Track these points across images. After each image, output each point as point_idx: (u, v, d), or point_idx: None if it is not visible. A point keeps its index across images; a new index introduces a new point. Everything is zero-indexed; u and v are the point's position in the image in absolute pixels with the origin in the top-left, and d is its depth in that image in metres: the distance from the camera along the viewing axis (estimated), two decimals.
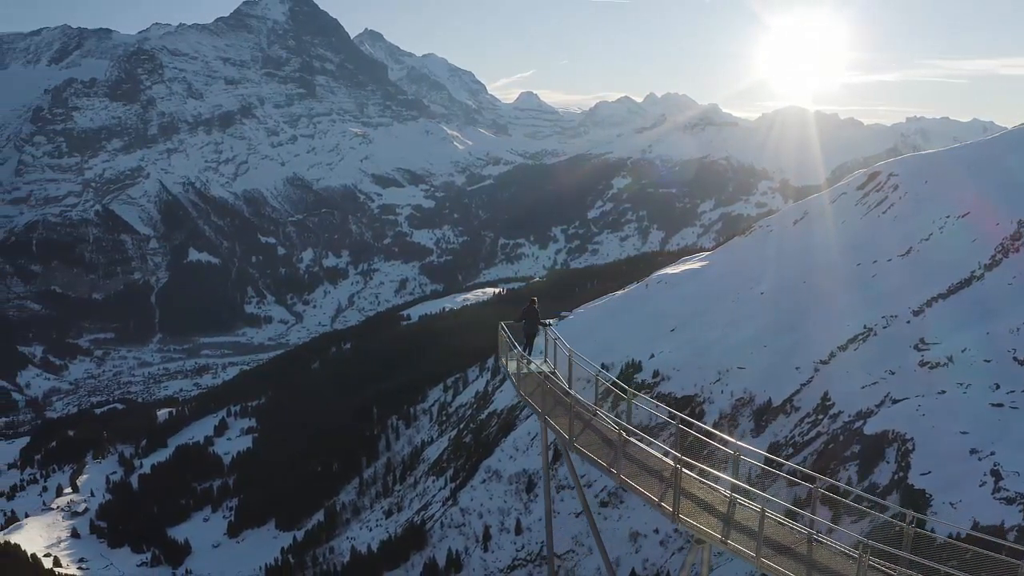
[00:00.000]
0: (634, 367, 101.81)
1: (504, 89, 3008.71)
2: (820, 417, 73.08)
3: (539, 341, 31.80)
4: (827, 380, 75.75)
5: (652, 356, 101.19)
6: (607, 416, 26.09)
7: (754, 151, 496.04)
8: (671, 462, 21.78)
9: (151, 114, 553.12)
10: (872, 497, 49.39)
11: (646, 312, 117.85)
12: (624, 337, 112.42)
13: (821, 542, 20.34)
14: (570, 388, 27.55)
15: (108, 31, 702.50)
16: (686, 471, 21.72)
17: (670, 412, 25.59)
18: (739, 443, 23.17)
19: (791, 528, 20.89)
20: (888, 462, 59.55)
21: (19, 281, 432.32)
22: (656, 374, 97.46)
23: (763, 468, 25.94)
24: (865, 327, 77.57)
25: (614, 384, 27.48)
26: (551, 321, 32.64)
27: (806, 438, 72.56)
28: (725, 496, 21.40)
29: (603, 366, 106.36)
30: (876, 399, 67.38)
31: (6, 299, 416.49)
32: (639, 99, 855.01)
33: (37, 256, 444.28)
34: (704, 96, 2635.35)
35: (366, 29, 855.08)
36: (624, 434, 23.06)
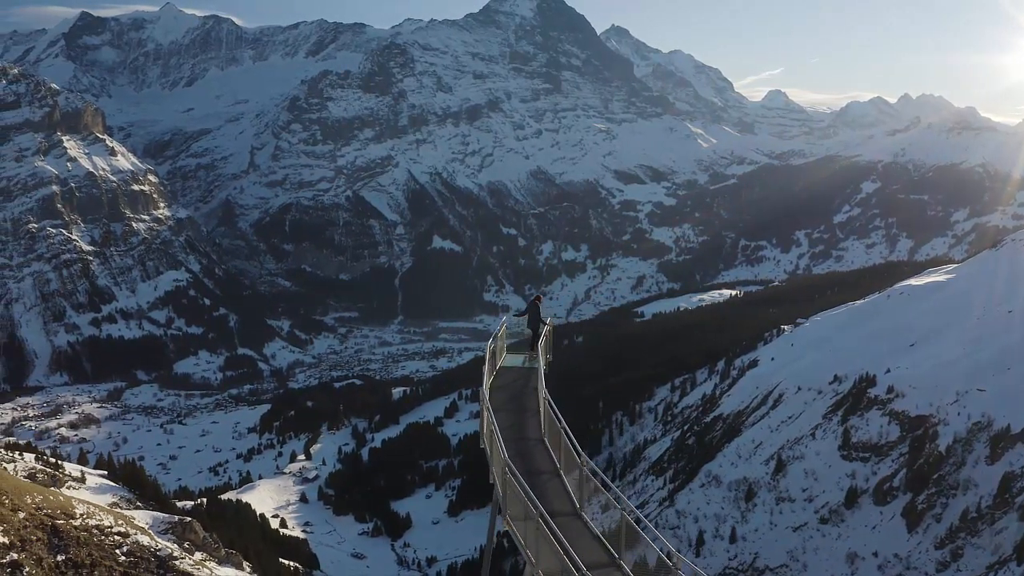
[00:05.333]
0: (868, 381, 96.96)
1: (751, 87, 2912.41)
2: None
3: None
4: None
5: (888, 371, 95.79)
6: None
7: (1013, 159, 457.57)
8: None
9: (402, 106, 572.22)
10: None
11: (885, 324, 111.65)
12: (860, 349, 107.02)
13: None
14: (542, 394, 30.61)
15: (362, 26, 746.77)
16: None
17: None
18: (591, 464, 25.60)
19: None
20: None
21: (271, 259, 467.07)
22: (891, 390, 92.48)
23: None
24: None
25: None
26: (549, 319, 36.47)
27: None
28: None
29: (835, 378, 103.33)
30: None
31: (259, 275, 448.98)
32: (892, 100, 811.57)
33: (289, 236, 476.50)
34: (961, 98, 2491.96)
35: (612, 25, 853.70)
36: (493, 437, 24.97)
